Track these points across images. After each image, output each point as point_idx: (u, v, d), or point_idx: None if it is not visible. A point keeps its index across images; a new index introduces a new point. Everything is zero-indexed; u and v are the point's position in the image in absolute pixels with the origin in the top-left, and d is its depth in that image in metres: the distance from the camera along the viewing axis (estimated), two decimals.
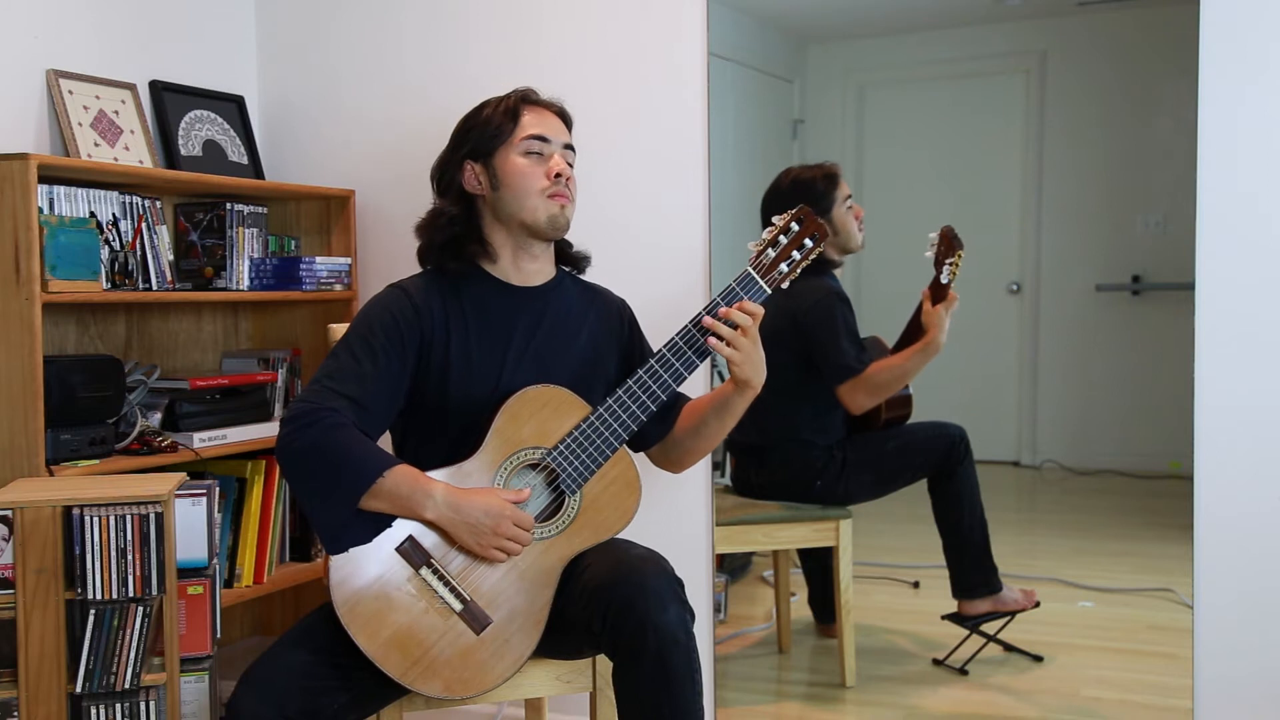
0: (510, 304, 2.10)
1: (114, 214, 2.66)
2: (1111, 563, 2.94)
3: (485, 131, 2.11)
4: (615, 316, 2.22)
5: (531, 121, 2.11)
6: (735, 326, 2.00)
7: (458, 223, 2.11)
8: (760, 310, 2.02)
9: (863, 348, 2.81)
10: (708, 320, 2.01)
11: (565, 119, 2.19)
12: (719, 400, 2.12)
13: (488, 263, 2.13)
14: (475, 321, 2.07)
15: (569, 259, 2.22)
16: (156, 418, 2.70)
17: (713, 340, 2.01)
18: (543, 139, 2.10)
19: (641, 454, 2.23)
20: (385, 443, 2.19)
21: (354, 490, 1.89)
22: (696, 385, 2.59)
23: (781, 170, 2.90)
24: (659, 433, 2.21)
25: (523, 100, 2.14)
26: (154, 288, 2.72)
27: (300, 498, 1.96)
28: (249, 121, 3.12)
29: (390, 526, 1.93)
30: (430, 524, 1.93)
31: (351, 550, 1.91)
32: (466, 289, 2.10)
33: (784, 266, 2.06)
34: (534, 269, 2.14)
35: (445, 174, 2.16)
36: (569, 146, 2.16)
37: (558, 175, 2.08)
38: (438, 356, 2.04)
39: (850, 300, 2.84)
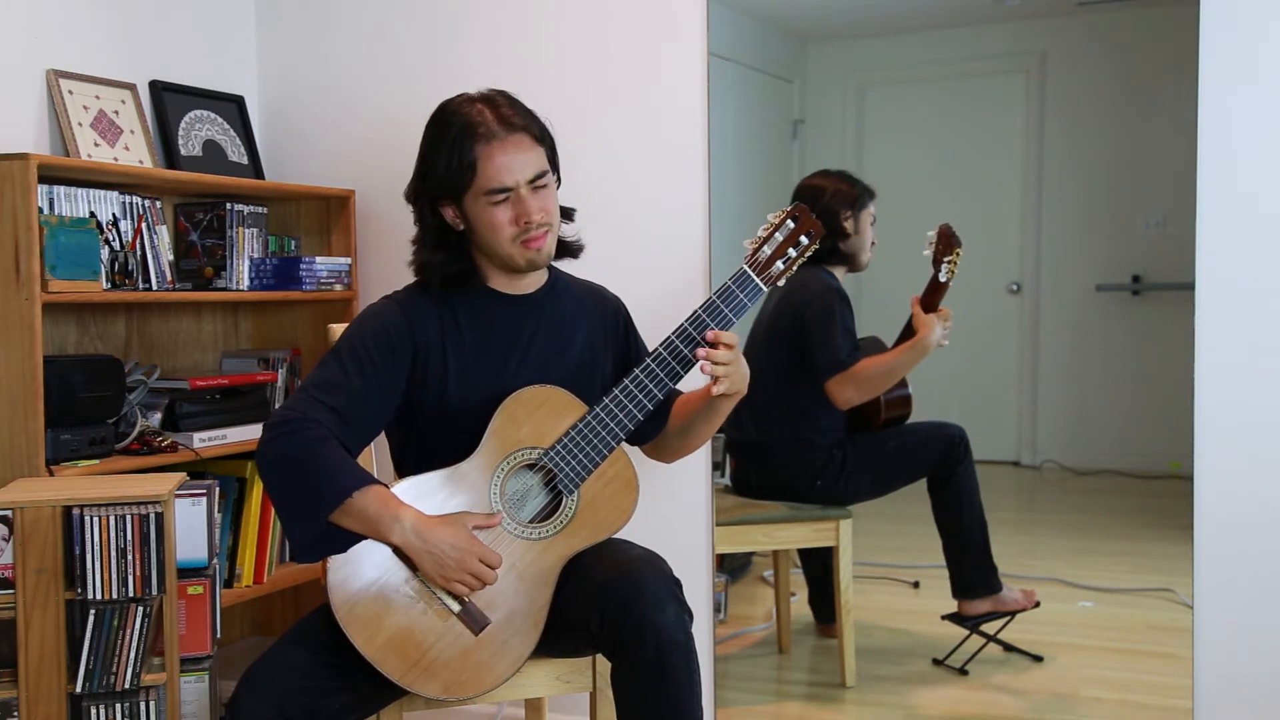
0: (506, 311, 2.09)
1: (114, 214, 2.66)
2: (1111, 563, 2.93)
3: (446, 180, 1.99)
4: (611, 316, 2.22)
5: (489, 170, 1.95)
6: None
7: (449, 263, 2.06)
8: (736, 338, 2.01)
9: (856, 346, 2.82)
10: (703, 358, 1.98)
11: (532, 134, 2.00)
12: (704, 401, 2.12)
13: (481, 278, 2.11)
14: (471, 330, 2.06)
15: (562, 248, 2.15)
16: (156, 418, 2.70)
17: (708, 367, 1.98)
18: (504, 189, 1.97)
19: (645, 458, 2.23)
20: (382, 451, 2.19)
21: (325, 504, 1.88)
22: (694, 383, 2.59)
23: (819, 170, 2.89)
24: (653, 429, 2.21)
25: (476, 139, 1.95)
26: (154, 288, 2.72)
27: (273, 504, 1.95)
28: (249, 121, 3.12)
29: (360, 542, 1.91)
30: (395, 549, 1.92)
31: (350, 553, 1.91)
32: (462, 299, 2.08)
33: (780, 264, 2.06)
34: (526, 281, 2.13)
35: (418, 207, 2.07)
36: (540, 175, 2.00)
37: (527, 222, 1.99)
38: (434, 367, 2.03)
39: (850, 301, 2.84)
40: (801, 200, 2.86)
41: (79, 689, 2.24)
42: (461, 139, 1.97)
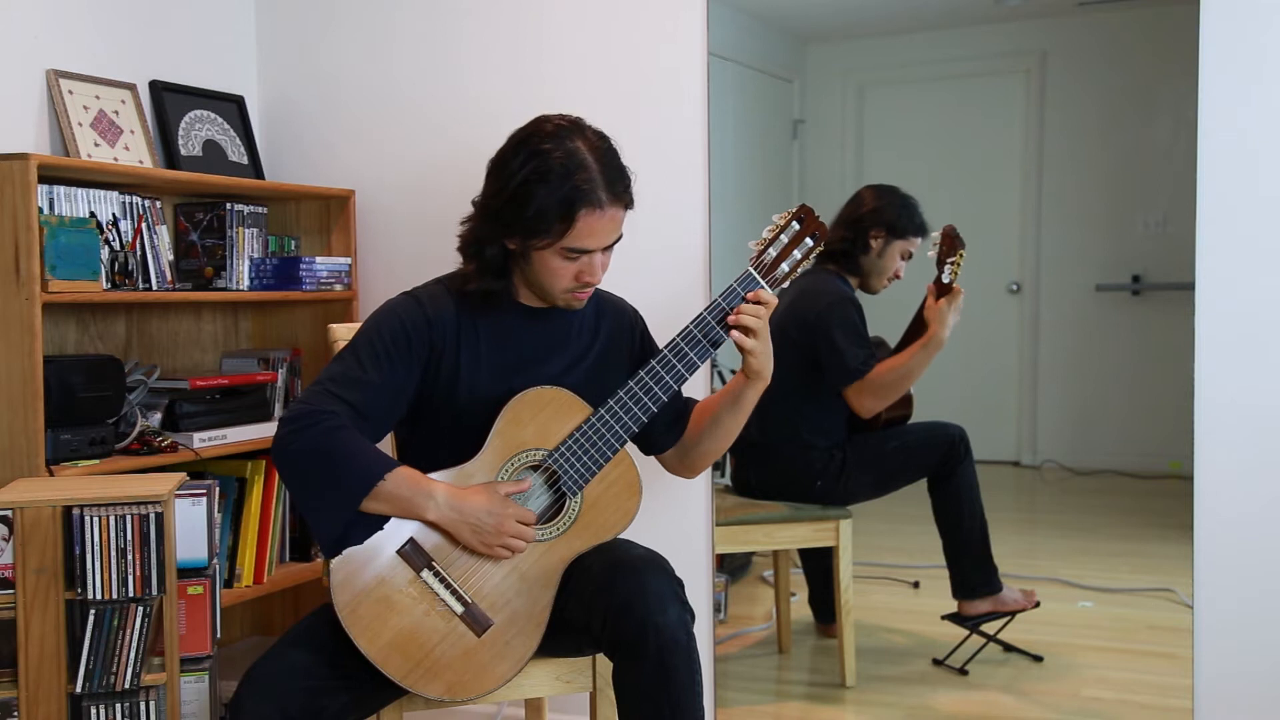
0: (523, 318, 2.10)
1: (114, 214, 2.66)
2: (1111, 563, 2.94)
3: (534, 222, 1.93)
4: (626, 327, 2.22)
5: (581, 233, 1.94)
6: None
7: (493, 281, 2.04)
8: (775, 299, 2.02)
9: (871, 353, 2.81)
10: (734, 319, 2.00)
11: (627, 204, 2.00)
12: (731, 395, 2.12)
13: (511, 294, 2.10)
14: (487, 333, 2.06)
15: None
16: (156, 418, 2.69)
17: (735, 333, 2.00)
18: (584, 252, 1.97)
19: (645, 457, 2.23)
20: (386, 448, 2.19)
21: (355, 492, 1.89)
22: (696, 388, 2.59)
23: (891, 185, 2.88)
24: (672, 437, 2.21)
25: (582, 203, 1.92)
26: (154, 288, 2.72)
27: (298, 500, 1.95)
28: (249, 121, 3.12)
29: (382, 529, 1.93)
30: (432, 525, 1.93)
31: (352, 553, 1.91)
32: (481, 302, 2.09)
33: (785, 266, 2.06)
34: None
35: (484, 223, 2.02)
36: (615, 241, 2.02)
37: (586, 281, 2.01)
38: (447, 367, 2.03)
39: (860, 304, 2.84)
40: (853, 202, 2.87)
41: (79, 689, 2.24)
42: (570, 198, 1.91)
